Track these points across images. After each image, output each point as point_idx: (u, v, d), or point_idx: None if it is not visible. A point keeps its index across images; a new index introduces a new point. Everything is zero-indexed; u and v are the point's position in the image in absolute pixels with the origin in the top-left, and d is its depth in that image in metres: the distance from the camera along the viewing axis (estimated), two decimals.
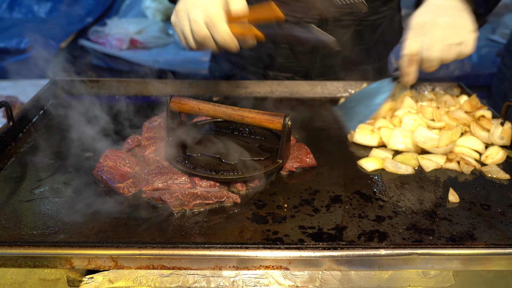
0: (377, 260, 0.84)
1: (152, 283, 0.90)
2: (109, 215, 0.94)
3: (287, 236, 0.89)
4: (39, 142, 1.23)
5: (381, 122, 1.28)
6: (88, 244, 0.84)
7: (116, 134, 1.25)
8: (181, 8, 1.08)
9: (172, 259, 0.83)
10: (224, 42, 1.06)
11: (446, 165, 1.16)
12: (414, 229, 0.92)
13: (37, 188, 1.03)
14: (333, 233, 0.90)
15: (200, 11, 1.05)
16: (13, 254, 0.83)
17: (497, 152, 1.19)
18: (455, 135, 1.20)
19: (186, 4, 1.08)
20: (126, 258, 0.83)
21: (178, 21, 1.10)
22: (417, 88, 1.59)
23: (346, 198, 1.02)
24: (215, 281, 0.90)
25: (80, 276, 0.89)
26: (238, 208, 0.98)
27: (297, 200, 1.01)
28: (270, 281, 0.90)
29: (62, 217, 0.93)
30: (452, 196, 1.02)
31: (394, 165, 1.14)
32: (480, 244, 0.87)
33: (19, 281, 0.91)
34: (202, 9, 1.05)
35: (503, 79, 2.71)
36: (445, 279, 0.90)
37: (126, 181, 1.02)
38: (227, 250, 0.83)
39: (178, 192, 0.98)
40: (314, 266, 0.85)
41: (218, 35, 1.05)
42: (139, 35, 3.55)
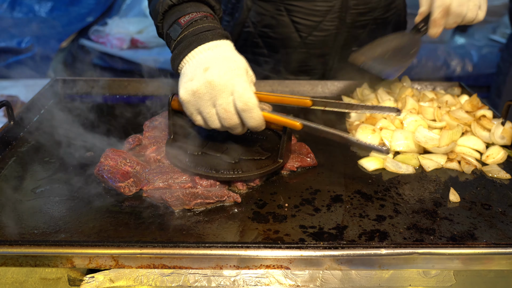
0: (377, 260, 0.84)
1: (153, 282, 0.90)
2: (110, 215, 0.94)
3: (287, 235, 0.89)
4: (40, 141, 1.23)
5: (382, 123, 1.28)
6: (89, 243, 0.84)
7: (117, 133, 1.25)
8: (203, 91, 0.96)
9: (173, 258, 0.83)
10: (256, 127, 1.01)
11: (447, 165, 1.16)
12: (414, 228, 0.92)
13: (37, 187, 1.03)
14: (334, 233, 0.90)
15: (231, 98, 0.96)
16: (14, 253, 0.83)
17: (498, 152, 1.19)
18: (456, 134, 1.20)
19: (210, 86, 0.96)
20: (127, 257, 0.83)
21: (197, 103, 0.98)
22: (418, 88, 1.59)
23: (347, 198, 1.02)
24: (216, 280, 0.90)
25: (81, 275, 0.89)
26: (239, 207, 0.98)
27: (298, 200, 1.01)
28: (271, 281, 0.90)
29: (63, 217, 0.93)
30: (453, 195, 1.02)
31: (395, 165, 1.14)
32: (481, 244, 0.87)
33: (20, 280, 0.91)
34: (234, 95, 0.96)
35: (499, 73, 2.75)
36: (445, 279, 0.90)
37: (127, 180, 1.03)
38: (228, 249, 0.84)
39: (179, 191, 0.98)
40: (315, 266, 0.85)
41: (253, 121, 0.99)
42: (139, 35, 3.55)
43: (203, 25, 1.02)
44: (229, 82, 0.95)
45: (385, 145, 0.95)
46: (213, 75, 0.95)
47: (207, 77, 0.95)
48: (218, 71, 0.96)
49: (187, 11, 1.04)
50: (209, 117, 0.99)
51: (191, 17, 1.02)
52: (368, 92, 1.49)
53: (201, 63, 0.98)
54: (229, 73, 0.96)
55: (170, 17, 1.05)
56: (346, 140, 0.99)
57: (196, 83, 0.96)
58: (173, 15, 1.05)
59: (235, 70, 0.97)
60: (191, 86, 0.97)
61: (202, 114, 1.00)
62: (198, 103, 0.98)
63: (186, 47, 1.00)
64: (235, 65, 0.98)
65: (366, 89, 1.51)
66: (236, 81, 0.96)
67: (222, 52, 1.00)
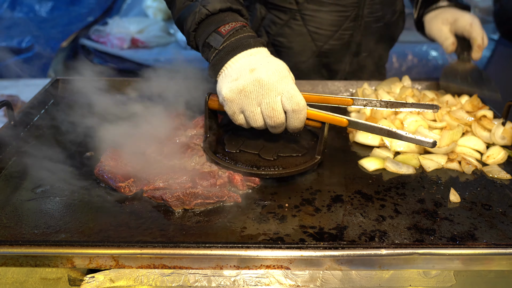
0: (378, 260, 0.84)
1: (153, 282, 0.90)
2: (110, 214, 0.94)
3: (288, 235, 0.89)
4: (40, 141, 1.23)
5: (382, 123, 1.28)
6: (89, 243, 0.84)
7: (117, 133, 1.25)
8: (250, 89, 0.98)
9: (173, 259, 0.83)
10: (299, 128, 1.04)
11: (447, 165, 1.15)
12: (415, 229, 0.92)
13: (38, 187, 1.03)
14: (334, 233, 0.90)
15: (279, 97, 0.99)
16: (14, 253, 0.83)
17: (498, 152, 1.19)
18: (456, 135, 1.20)
19: (259, 85, 0.98)
20: (127, 257, 0.83)
21: (242, 102, 1.01)
22: (418, 88, 1.59)
23: (347, 198, 1.02)
24: (216, 280, 0.90)
25: (81, 275, 0.89)
26: (239, 207, 0.98)
27: (298, 200, 1.01)
28: (271, 281, 0.90)
29: (63, 216, 0.93)
30: (453, 196, 1.02)
31: (395, 165, 1.14)
32: (481, 244, 0.87)
33: (20, 280, 0.91)
34: (284, 95, 0.99)
35: None
36: (446, 279, 0.90)
37: (127, 180, 1.03)
38: (228, 249, 0.84)
39: (179, 191, 0.98)
40: (315, 266, 0.85)
41: (298, 122, 1.03)
42: (140, 34, 3.55)
43: (244, 34, 1.05)
44: (278, 82, 0.98)
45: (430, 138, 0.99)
46: (261, 74, 0.98)
47: (255, 76, 0.98)
48: (266, 71, 0.98)
49: (227, 21, 1.06)
50: (253, 116, 1.01)
51: (231, 27, 1.05)
52: (368, 92, 1.49)
53: (246, 65, 1.01)
54: (277, 73, 0.99)
55: (208, 27, 1.06)
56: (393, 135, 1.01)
57: (242, 82, 0.99)
58: (211, 25, 1.06)
59: (282, 72, 1.00)
60: (237, 84, 0.99)
61: (246, 113, 1.02)
62: (243, 102, 1.00)
63: (228, 52, 1.03)
64: (280, 67, 1.01)
65: (366, 89, 1.51)
66: (285, 82, 0.99)
67: (264, 57, 1.03)
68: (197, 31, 1.09)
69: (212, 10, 1.06)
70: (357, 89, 1.54)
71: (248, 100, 1.00)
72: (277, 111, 0.99)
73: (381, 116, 1.33)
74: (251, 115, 1.02)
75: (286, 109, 1.00)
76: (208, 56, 1.08)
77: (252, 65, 1.00)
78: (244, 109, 1.01)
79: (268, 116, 1.00)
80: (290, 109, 0.99)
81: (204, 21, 1.07)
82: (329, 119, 1.06)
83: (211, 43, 1.05)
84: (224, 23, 1.05)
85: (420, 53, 3.65)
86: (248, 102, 1.00)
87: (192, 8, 1.08)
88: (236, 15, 1.09)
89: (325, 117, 1.06)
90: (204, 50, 1.09)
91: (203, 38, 1.07)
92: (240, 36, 1.04)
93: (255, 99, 0.99)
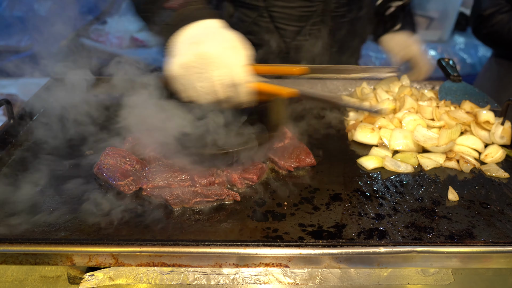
0: (376, 258, 0.85)
1: (153, 280, 0.90)
2: (109, 213, 0.94)
3: (287, 233, 0.89)
4: (40, 140, 1.23)
5: (380, 122, 1.29)
6: (88, 241, 0.85)
7: (117, 132, 1.25)
8: (193, 64, 0.95)
9: (172, 257, 0.83)
10: (248, 101, 1.00)
11: (445, 164, 1.16)
12: (413, 227, 0.92)
13: (37, 185, 1.03)
14: (333, 231, 0.90)
15: (225, 70, 0.95)
16: (14, 251, 0.83)
17: (497, 151, 1.19)
18: (454, 133, 1.20)
19: (202, 59, 0.94)
20: (127, 255, 0.83)
21: (188, 77, 0.97)
22: (417, 87, 1.60)
23: (346, 196, 1.02)
24: (215, 278, 0.90)
25: (80, 273, 0.90)
26: (238, 205, 0.98)
27: (297, 198, 1.01)
28: (270, 279, 0.90)
29: (62, 215, 0.93)
30: (452, 194, 1.03)
31: (394, 164, 1.14)
32: (479, 242, 0.87)
33: (20, 278, 0.91)
34: (229, 68, 0.95)
35: None
36: (444, 277, 0.90)
37: (127, 179, 1.03)
38: (227, 247, 0.84)
39: (179, 190, 0.98)
40: (314, 264, 0.85)
41: (242, 96, 0.99)
42: (139, 34, 3.55)
43: (196, 6, 1.02)
44: (222, 55, 0.94)
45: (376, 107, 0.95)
46: (204, 47, 0.94)
47: (199, 49, 0.94)
48: (209, 43, 0.95)
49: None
50: (202, 90, 0.97)
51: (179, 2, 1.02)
52: (367, 91, 1.49)
53: (190, 38, 0.97)
54: (222, 45, 0.95)
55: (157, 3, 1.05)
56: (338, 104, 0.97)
57: (185, 57, 0.95)
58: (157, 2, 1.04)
59: (228, 42, 0.96)
60: (179, 60, 0.96)
61: (195, 88, 0.98)
62: (189, 77, 0.96)
63: (174, 26, 1.00)
64: (228, 38, 0.97)
65: (365, 88, 1.52)
66: (230, 54, 0.95)
67: (212, 28, 0.99)
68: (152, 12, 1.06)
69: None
70: (355, 88, 1.54)
71: (194, 75, 0.96)
72: (224, 84, 0.96)
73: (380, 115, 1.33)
74: (194, 91, 0.98)
75: (229, 82, 0.96)
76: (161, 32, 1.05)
77: (196, 38, 0.96)
78: (189, 85, 0.98)
79: (210, 91, 0.97)
80: (227, 83, 0.95)
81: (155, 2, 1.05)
82: (278, 90, 1.00)
83: (162, 18, 1.03)
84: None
85: None
86: (194, 77, 0.96)
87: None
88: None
89: (273, 88, 1.00)
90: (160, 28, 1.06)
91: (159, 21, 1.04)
92: (188, 7, 1.01)
93: (202, 73, 0.95)
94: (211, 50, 0.94)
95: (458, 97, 1.43)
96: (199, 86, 0.97)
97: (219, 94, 0.97)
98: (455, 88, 1.48)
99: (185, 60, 0.95)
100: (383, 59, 3.62)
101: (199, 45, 0.95)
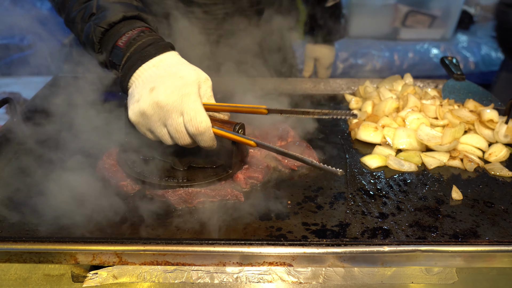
0: (380, 257, 0.85)
1: (156, 279, 0.90)
2: (112, 212, 0.94)
3: (290, 232, 0.89)
4: (43, 138, 1.23)
5: (384, 120, 1.28)
6: (92, 239, 0.85)
7: (120, 131, 1.25)
8: (151, 113, 0.92)
9: (176, 255, 0.83)
10: (209, 147, 0.97)
11: (449, 163, 1.16)
12: (417, 226, 0.92)
13: (40, 184, 1.03)
14: (337, 230, 0.90)
15: (180, 118, 0.91)
16: (18, 249, 0.83)
17: (501, 150, 1.19)
18: (458, 132, 1.20)
19: (158, 107, 0.91)
20: (131, 254, 0.83)
21: (147, 124, 0.94)
22: (420, 86, 1.59)
23: (349, 195, 1.02)
24: (219, 277, 0.90)
25: (84, 271, 0.90)
26: (242, 204, 0.98)
27: (300, 197, 1.01)
28: (274, 278, 0.90)
29: (65, 214, 0.93)
30: (456, 193, 1.03)
31: (397, 162, 1.14)
32: (483, 242, 0.87)
33: (24, 276, 0.91)
34: (184, 117, 0.91)
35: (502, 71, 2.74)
36: (448, 276, 0.90)
37: (129, 179, 1.03)
38: (231, 246, 0.84)
39: (182, 190, 0.98)
40: (318, 263, 0.85)
41: (204, 143, 0.95)
42: None
43: (143, 40, 0.97)
44: (176, 102, 0.91)
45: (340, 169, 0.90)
46: (159, 95, 0.91)
47: (153, 97, 0.91)
48: (164, 90, 0.91)
49: (122, 32, 0.98)
50: (161, 136, 0.96)
51: (128, 37, 0.97)
52: (370, 90, 1.49)
53: (146, 83, 0.94)
54: (176, 92, 0.91)
55: (107, 44, 1.00)
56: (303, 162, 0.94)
57: (142, 104, 0.92)
58: (109, 41, 0.99)
59: (183, 88, 0.91)
60: (138, 107, 0.93)
61: (154, 134, 0.96)
62: (148, 124, 0.94)
63: (130, 67, 0.96)
64: (182, 82, 0.92)
65: (368, 87, 1.51)
66: (185, 101, 0.91)
67: (167, 68, 0.95)
68: (101, 50, 1.02)
69: (105, 26, 0.99)
70: (358, 87, 1.54)
71: (152, 123, 0.93)
72: (181, 132, 0.93)
73: (382, 114, 1.33)
74: (159, 136, 0.96)
75: (188, 131, 0.92)
76: (118, 75, 1.01)
77: (152, 83, 0.93)
78: (152, 130, 0.96)
79: (174, 137, 0.94)
80: (191, 131, 0.92)
81: (103, 39, 1.00)
82: (236, 140, 0.98)
83: (114, 60, 0.99)
84: (120, 35, 0.98)
85: (421, 51, 3.65)
86: (153, 124, 0.94)
87: (88, 30, 1.01)
88: (132, 22, 1.01)
89: (232, 138, 0.98)
90: (113, 69, 1.03)
91: (107, 57, 1.01)
92: (138, 44, 0.96)
93: (158, 121, 0.93)
94: (167, 99, 0.90)
95: (462, 96, 1.43)
96: (160, 133, 0.95)
97: (182, 141, 0.95)
98: (458, 86, 1.48)
99: (143, 108, 0.92)
100: (385, 57, 3.61)
101: (154, 91, 0.91)
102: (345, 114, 0.93)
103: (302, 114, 0.97)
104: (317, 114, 0.97)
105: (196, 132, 0.92)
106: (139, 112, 0.93)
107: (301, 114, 0.98)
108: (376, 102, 1.39)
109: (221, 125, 0.98)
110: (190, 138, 0.94)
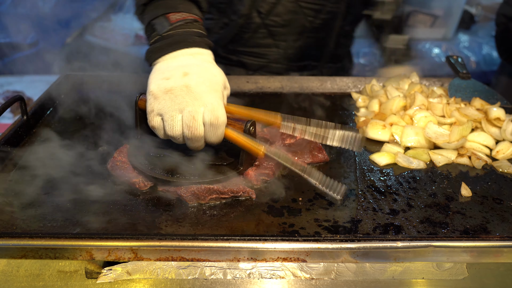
0: (393, 253, 0.85)
1: (169, 275, 0.91)
2: (125, 208, 0.95)
3: (303, 228, 0.90)
4: (53, 136, 1.23)
5: (392, 119, 1.29)
6: (108, 236, 0.85)
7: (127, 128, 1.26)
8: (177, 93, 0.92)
9: (191, 251, 0.84)
10: (216, 143, 0.97)
11: (457, 160, 1.16)
12: (428, 222, 0.93)
13: (52, 182, 1.04)
14: (349, 226, 0.91)
15: (202, 108, 0.92)
16: (35, 245, 0.84)
17: (508, 147, 1.20)
18: (466, 130, 1.21)
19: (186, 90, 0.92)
20: (146, 249, 0.84)
21: (165, 103, 0.93)
22: (426, 84, 1.60)
23: (360, 192, 1.03)
24: (232, 273, 0.91)
25: (98, 267, 0.90)
26: (253, 201, 0.99)
27: (311, 194, 1.02)
28: (286, 273, 0.91)
29: (79, 210, 0.94)
30: (465, 190, 1.04)
31: (406, 160, 1.15)
32: (494, 237, 0.88)
33: (35, 273, 0.92)
34: (207, 107, 0.92)
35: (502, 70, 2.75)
36: (458, 272, 0.91)
37: (141, 176, 1.03)
38: (246, 242, 0.84)
39: (194, 186, 0.98)
40: (331, 258, 0.86)
41: (215, 138, 0.96)
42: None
43: (193, 29, 0.98)
44: (205, 93, 0.93)
45: (339, 197, 0.95)
46: (191, 80, 0.92)
47: (186, 81, 0.92)
48: (197, 78, 0.93)
49: (179, 9, 0.99)
50: (171, 121, 0.94)
51: (182, 17, 0.98)
52: (377, 88, 1.50)
53: (181, 66, 0.95)
54: (207, 83, 0.93)
55: (158, 8, 1.00)
56: (306, 180, 0.96)
57: (172, 83, 0.92)
58: (161, 7, 0.99)
59: (213, 84, 0.95)
60: (166, 84, 0.93)
61: (165, 116, 0.94)
62: (166, 103, 0.93)
63: (170, 45, 0.96)
64: (214, 79, 0.96)
65: (375, 85, 1.52)
66: (213, 94, 0.94)
67: (203, 62, 0.97)
68: (147, 6, 1.02)
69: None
70: (365, 85, 1.55)
71: (172, 103, 0.93)
72: (197, 121, 0.92)
73: (390, 112, 1.34)
74: (169, 120, 0.94)
75: (205, 121, 0.93)
76: (149, 38, 1.01)
77: (187, 68, 0.94)
78: (165, 111, 0.94)
79: (187, 125, 0.93)
80: (208, 121, 0.93)
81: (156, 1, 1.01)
82: (245, 146, 0.99)
83: (155, 26, 0.99)
84: (175, 10, 0.98)
85: (423, 50, 3.66)
86: (171, 105, 0.93)
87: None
88: (191, 6, 1.02)
89: (241, 143, 0.98)
90: (147, 29, 1.03)
91: (149, 18, 1.01)
92: (187, 30, 0.97)
93: (179, 104, 0.92)
94: (198, 86, 0.92)
95: (468, 94, 1.44)
96: (171, 119, 0.93)
97: (193, 131, 0.94)
98: (464, 85, 1.49)
99: (172, 86, 0.92)
100: None
101: (187, 76, 0.93)
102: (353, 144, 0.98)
103: (316, 130, 1.01)
104: (324, 132, 1.01)
105: (215, 122, 0.93)
106: (165, 88, 0.93)
107: (314, 130, 1.01)
108: (383, 101, 1.40)
109: (232, 122, 0.99)
110: (201, 129, 0.94)
